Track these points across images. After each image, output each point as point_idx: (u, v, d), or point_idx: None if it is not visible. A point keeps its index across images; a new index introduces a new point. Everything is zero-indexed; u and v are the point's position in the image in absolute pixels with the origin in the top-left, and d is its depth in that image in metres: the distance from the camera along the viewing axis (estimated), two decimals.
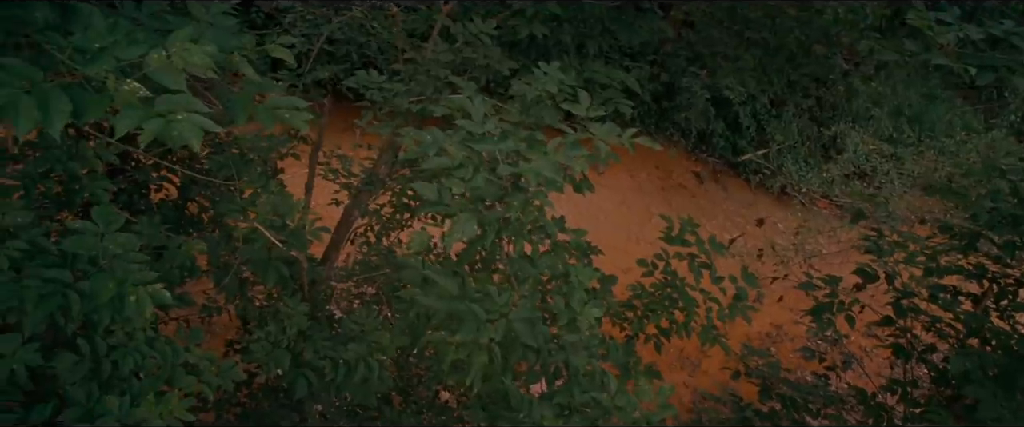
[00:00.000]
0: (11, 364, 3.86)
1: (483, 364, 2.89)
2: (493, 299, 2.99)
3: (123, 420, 3.64)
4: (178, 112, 2.15)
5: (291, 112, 2.71)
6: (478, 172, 2.91)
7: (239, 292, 5.21)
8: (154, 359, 4.21)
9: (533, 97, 3.64)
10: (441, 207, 3.00)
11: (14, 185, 4.24)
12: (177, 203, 6.52)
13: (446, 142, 3.05)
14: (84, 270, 3.82)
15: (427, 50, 4.89)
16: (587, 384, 3.16)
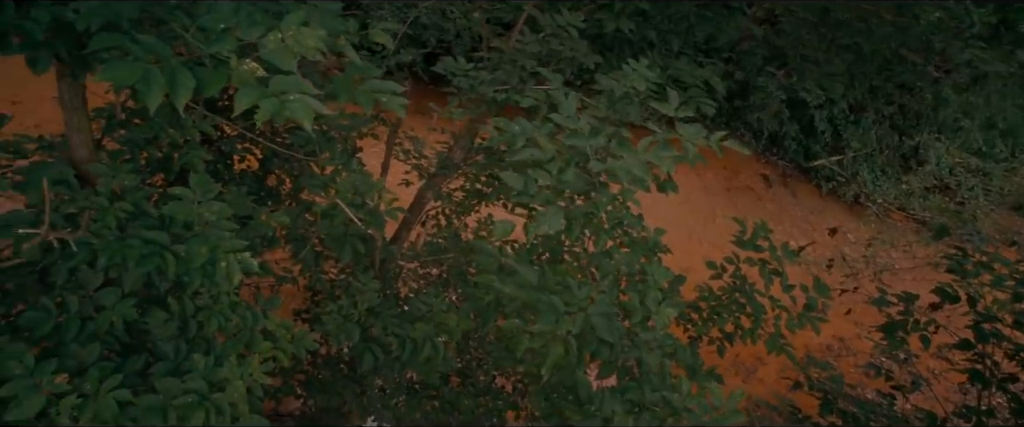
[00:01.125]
0: (111, 316, 4.12)
1: (559, 355, 2.93)
2: (573, 292, 3.03)
3: (208, 378, 3.84)
4: (291, 93, 2.26)
5: (388, 96, 2.79)
6: (569, 166, 2.94)
7: (313, 264, 5.39)
8: (235, 323, 4.42)
9: (621, 93, 3.63)
10: (526, 197, 3.05)
11: (121, 150, 4.50)
12: (257, 175, 6.78)
13: (535, 134, 3.09)
14: (179, 234, 4.04)
15: (510, 39, 4.93)
16: (658, 383, 3.17)
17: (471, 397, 6.47)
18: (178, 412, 3.73)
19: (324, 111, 2.28)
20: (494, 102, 4.57)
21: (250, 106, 2.22)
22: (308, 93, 2.30)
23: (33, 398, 3.48)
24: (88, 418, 3.60)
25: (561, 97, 3.30)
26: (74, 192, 4.03)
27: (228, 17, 2.29)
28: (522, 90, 4.28)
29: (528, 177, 3.04)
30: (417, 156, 8.00)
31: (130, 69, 2.17)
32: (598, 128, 3.08)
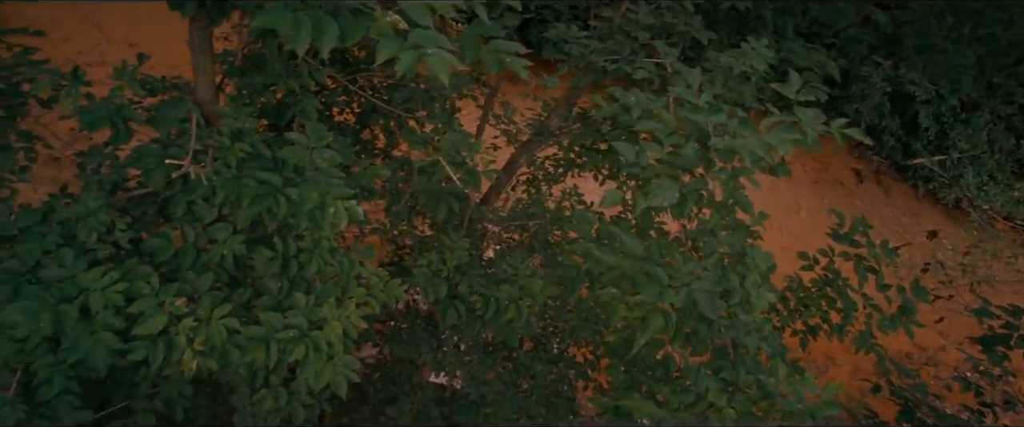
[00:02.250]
0: (222, 250, 4.39)
1: (658, 327, 2.95)
2: (678, 266, 3.03)
3: (308, 316, 4.04)
4: (429, 47, 2.32)
5: (512, 57, 2.82)
6: (689, 141, 2.92)
7: (406, 218, 5.54)
8: (333, 267, 4.62)
9: (739, 72, 3.55)
10: (636, 169, 3.05)
11: (239, 95, 4.73)
12: (354, 128, 6.99)
13: (651, 105, 3.07)
14: (289, 178, 4.24)
15: (620, 9, 4.87)
16: (752, 365, 3.15)
17: (544, 363, 6.57)
18: (280, 345, 3.96)
19: (459, 66, 2.33)
20: (603, 72, 4.55)
21: (390, 57, 2.29)
22: (445, 48, 2.35)
23: (158, 317, 3.77)
24: (201, 340, 3.87)
25: (685, 70, 3.25)
26: (200, 130, 4.28)
27: None
28: (633, 62, 4.24)
29: (640, 149, 3.03)
30: (507, 122, 8.06)
31: (282, 15, 2.28)
32: (718, 105, 3.03)
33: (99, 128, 4.21)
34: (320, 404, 4.99)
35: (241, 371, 4.59)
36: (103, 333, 3.81)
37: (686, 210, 3.05)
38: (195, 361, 3.82)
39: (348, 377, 3.97)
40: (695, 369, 3.15)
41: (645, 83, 3.91)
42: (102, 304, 3.77)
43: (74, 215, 4.23)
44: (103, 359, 3.80)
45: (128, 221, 4.28)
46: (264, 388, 4.89)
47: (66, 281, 3.94)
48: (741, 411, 2.81)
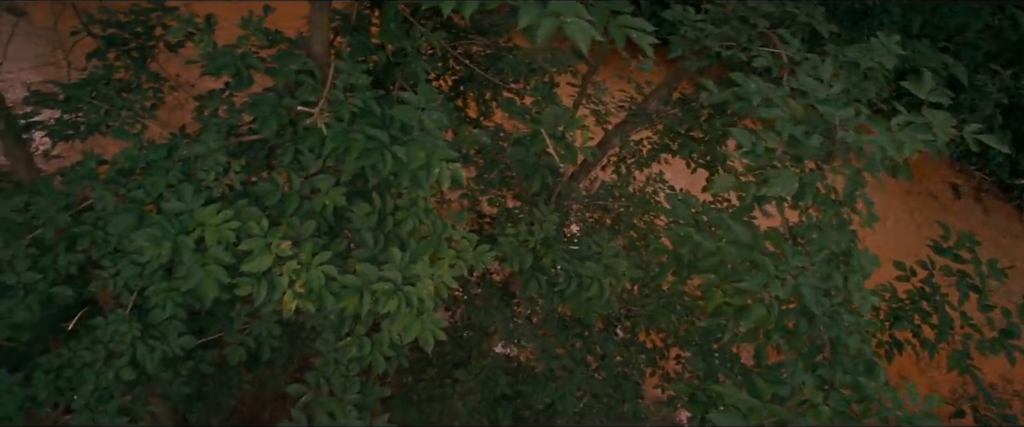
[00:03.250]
0: (324, 200, 4.57)
1: (760, 316, 2.92)
2: (787, 258, 2.98)
3: (402, 271, 4.17)
4: (569, 15, 2.34)
5: (639, 33, 2.81)
6: (814, 133, 2.85)
7: (497, 187, 5.61)
8: (426, 227, 4.75)
9: (866, 67, 3.42)
10: (752, 156, 3.00)
11: (352, 52, 4.87)
12: (448, 95, 7.10)
13: (772, 94, 3.00)
14: (396, 136, 4.35)
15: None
16: (850, 366, 3.07)
17: (616, 345, 6.58)
18: (374, 296, 4.11)
19: (598, 37, 2.34)
20: (717, 57, 4.46)
21: (531, 23, 2.32)
22: (584, 17, 2.37)
23: (264, 256, 3.97)
24: (301, 283, 4.05)
25: (816, 62, 3.16)
26: (316, 82, 4.45)
27: None
28: (749, 50, 4.14)
29: (757, 136, 2.98)
30: (597, 101, 8.02)
31: None
32: (846, 99, 2.93)
33: (224, 74, 4.43)
34: (399, 358, 5.17)
35: (331, 317, 4.81)
36: (214, 266, 4.04)
37: (805, 202, 2.99)
38: (295, 302, 4.00)
39: (435, 334, 4.09)
40: (792, 362, 3.10)
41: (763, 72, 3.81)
42: (215, 239, 4.00)
43: (195, 154, 4.49)
44: (212, 290, 4.03)
45: (242, 163, 4.50)
46: (349, 336, 5.10)
47: (184, 215, 4.19)
48: (837, 410, 2.75)
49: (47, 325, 5.45)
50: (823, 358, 3.13)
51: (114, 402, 4.64)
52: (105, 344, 4.68)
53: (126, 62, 5.60)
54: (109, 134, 5.07)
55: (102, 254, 4.63)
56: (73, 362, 4.86)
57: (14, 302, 4.51)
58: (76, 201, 4.66)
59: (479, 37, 6.59)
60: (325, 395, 5.03)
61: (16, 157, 6.02)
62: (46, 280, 4.57)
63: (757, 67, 3.85)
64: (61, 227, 4.52)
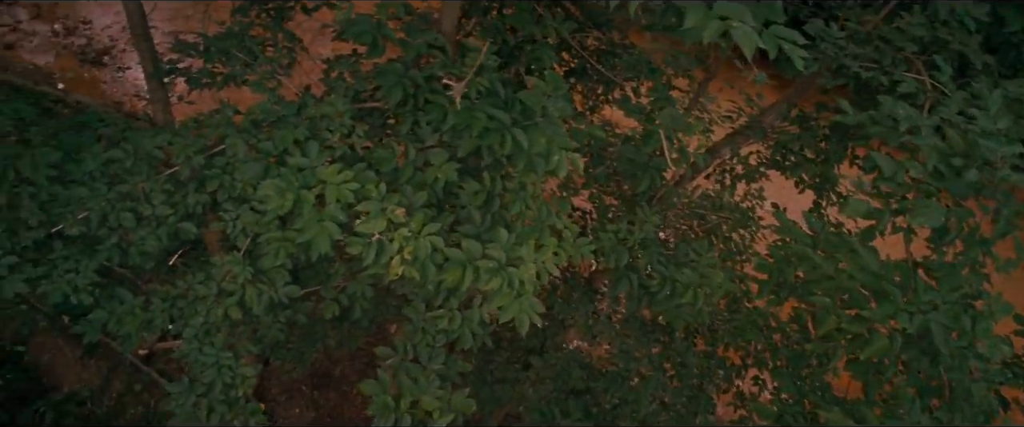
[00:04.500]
0: (436, 173, 4.70)
1: (882, 346, 2.83)
2: (918, 292, 2.87)
3: (507, 251, 4.25)
4: (735, 19, 2.32)
5: (790, 46, 2.75)
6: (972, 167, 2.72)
7: (603, 183, 5.62)
8: (532, 213, 4.81)
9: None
10: (891, 184, 2.90)
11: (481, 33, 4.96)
12: None
13: (921, 122, 2.89)
14: (516, 120, 4.42)
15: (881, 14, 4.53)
16: (971, 416, 2.94)
17: (695, 356, 6.49)
18: (476, 272, 4.20)
19: (761, 45, 2.32)
20: (856, 78, 4.30)
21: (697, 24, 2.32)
22: (749, 23, 2.35)
23: (379, 220, 4.13)
24: (408, 250, 4.19)
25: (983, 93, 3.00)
26: (446, 58, 4.57)
27: None
28: (891, 74, 3.97)
29: (900, 165, 2.87)
30: (701, 110, 7.88)
31: None
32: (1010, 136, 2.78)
33: (361, 41, 4.60)
34: (484, 336, 5.27)
35: (429, 287, 4.95)
36: (329, 223, 4.22)
37: (951, 239, 2.86)
38: (401, 268, 4.14)
39: (532, 317, 4.15)
40: (909, 399, 2.98)
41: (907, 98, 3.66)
42: (335, 197, 4.18)
43: (322, 113, 4.70)
44: (325, 245, 4.22)
45: (365, 128, 4.68)
46: (440, 308, 5.24)
47: (307, 171, 4.39)
48: None
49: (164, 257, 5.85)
50: (941, 400, 3.00)
51: (220, 336, 4.93)
52: (218, 282, 4.97)
53: (264, 20, 5.90)
54: (246, 86, 5.37)
55: (226, 198, 4.92)
56: (187, 295, 5.19)
57: (147, 231, 4.86)
58: (210, 145, 4.96)
59: (595, 31, 6.59)
60: (409, 361, 5.19)
61: (157, 99, 6.46)
62: (176, 215, 4.90)
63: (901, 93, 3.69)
64: (195, 168, 4.83)
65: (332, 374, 10.79)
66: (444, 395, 4.91)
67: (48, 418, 8.89)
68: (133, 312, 5.15)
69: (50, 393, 9.21)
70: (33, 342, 9.58)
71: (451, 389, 5.19)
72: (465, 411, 4.85)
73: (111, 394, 9.75)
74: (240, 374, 4.91)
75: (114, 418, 9.42)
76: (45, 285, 4.92)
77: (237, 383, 4.91)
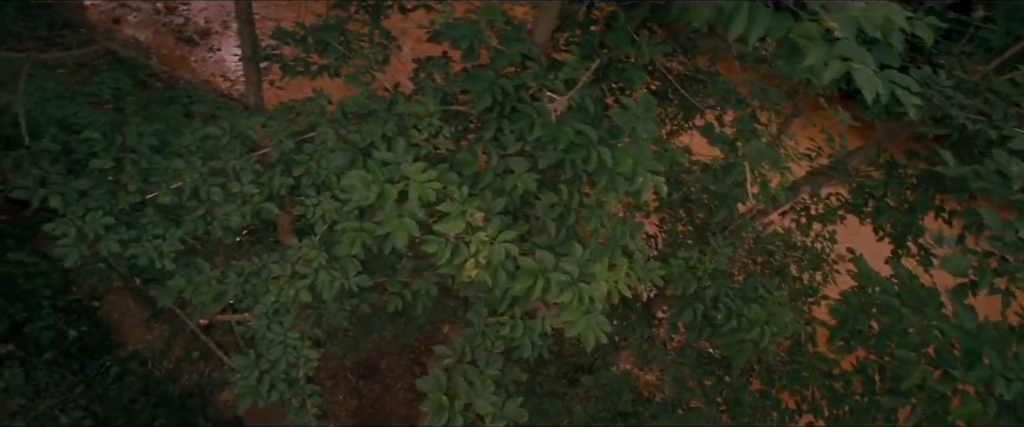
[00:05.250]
0: (516, 181, 4.75)
1: (975, 412, 2.73)
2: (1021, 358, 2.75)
3: (580, 266, 4.26)
4: (856, 61, 2.30)
5: (904, 92, 2.70)
6: None
7: (678, 210, 5.57)
8: (606, 230, 4.82)
9: None
10: (998, 243, 2.80)
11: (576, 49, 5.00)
12: None
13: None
14: (601, 137, 4.44)
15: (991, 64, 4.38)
16: None
17: (752, 395, 6.36)
18: (548, 283, 4.23)
19: (880, 90, 2.29)
20: (961, 129, 4.17)
21: (817, 63, 2.31)
22: (870, 66, 2.32)
23: (458, 221, 4.20)
24: (484, 255, 4.25)
25: None
26: (539, 69, 4.63)
27: None
28: (1001, 128, 3.84)
29: (1010, 223, 2.77)
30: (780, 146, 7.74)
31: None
32: None
33: (458, 45, 4.70)
34: (543, 348, 5.29)
35: (495, 293, 5.00)
36: (409, 219, 4.32)
37: None
38: (475, 271, 4.20)
39: (597, 335, 4.15)
40: None
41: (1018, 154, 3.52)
42: (418, 195, 4.27)
43: (411, 111, 4.82)
44: (402, 240, 4.31)
45: (452, 130, 4.77)
46: (502, 315, 5.29)
47: (392, 166, 4.50)
48: None
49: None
50: None
51: (289, 317, 5.08)
52: (292, 264, 5.13)
53: (361, 16, 6.09)
54: (337, 78, 5.56)
55: (309, 183, 5.08)
56: (261, 273, 5.37)
57: (232, 208, 5.06)
58: (300, 131, 5.14)
59: (681, 55, 6.56)
60: (467, 363, 5.24)
61: (251, 82, 6.74)
62: (261, 195, 5.08)
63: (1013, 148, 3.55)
64: (284, 152, 5.01)
65: (379, 366, 10.96)
66: (498, 401, 4.94)
67: (112, 372, 9.31)
68: (209, 283, 5.36)
69: (116, 349, 9.64)
70: (106, 299, 10.06)
71: (505, 396, 5.22)
72: (517, 419, 4.87)
73: (170, 358, 10.13)
74: (304, 355, 5.04)
75: (171, 381, 9.79)
76: (134, 248, 5.16)
77: (300, 364, 5.04)
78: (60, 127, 10.14)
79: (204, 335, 10.24)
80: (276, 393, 5.10)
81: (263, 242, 10.35)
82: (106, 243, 5.03)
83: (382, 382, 10.85)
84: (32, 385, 8.64)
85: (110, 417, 9.05)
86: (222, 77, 15.48)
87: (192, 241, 8.31)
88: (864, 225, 6.95)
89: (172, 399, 9.61)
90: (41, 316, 9.11)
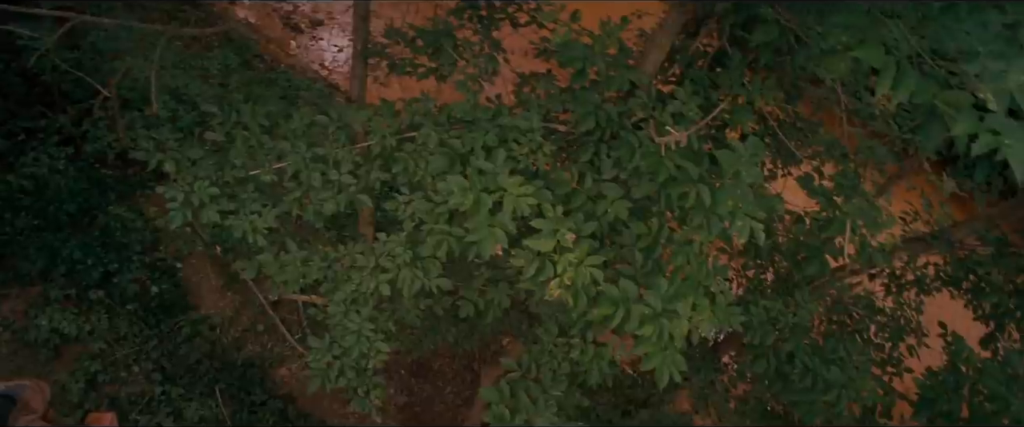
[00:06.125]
0: (607, 207, 4.75)
1: None
2: None
3: (664, 301, 4.22)
4: (1008, 136, 2.22)
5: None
6: None
7: (764, 259, 5.46)
8: (691, 269, 4.75)
9: None
10: None
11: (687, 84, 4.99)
12: None
13: None
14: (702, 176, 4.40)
15: None
16: None
17: None
18: (629, 314, 4.20)
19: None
20: None
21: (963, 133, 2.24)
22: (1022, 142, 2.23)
23: (550, 239, 4.23)
24: (569, 276, 4.26)
25: None
26: (647, 98, 4.63)
27: (986, 42, 2.30)
28: None
29: None
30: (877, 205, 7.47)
31: (874, 52, 2.34)
32: None
33: (570, 65, 4.76)
34: (611, 376, 5.25)
35: (572, 315, 5.00)
36: (499, 230, 4.38)
37: None
38: (558, 291, 4.22)
39: (673, 373, 4.10)
40: None
41: None
42: (512, 207, 4.33)
43: (514, 125, 4.89)
44: (490, 249, 4.37)
45: (552, 148, 4.82)
46: (575, 337, 5.29)
47: (489, 175, 4.58)
48: None
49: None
50: None
51: (367, 308, 5.22)
52: (377, 257, 5.26)
53: (474, 26, 6.23)
54: (445, 82, 5.70)
55: (404, 181, 5.21)
56: (344, 260, 5.54)
57: (329, 195, 5.24)
58: (403, 129, 5.28)
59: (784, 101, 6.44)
60: (532, 380, 5.26)
61: (357, 77, 6.97)
62: (357, 186, 5.25)
63: None
64: (386, 147, 5.16)
65: (432, 366, 11.09)
66: (557, 422, 4.94)
67: (184, 332, 9.74)
68: (294, 264, 5.55)
69: (190, 311, 10.09)
70: (188, 262, 10.55)
71: (565, 418, 5.21)
72: None
73: (237, 327, 10.53)
74: (375, 347, 5.17)
75: (235, 349, 10.17)
76: (232, 220, 5.40)
77: (371, 355, 5.17)
78: (171, 95, 10.77)
79: (272, 310, 10.59)
80: (344, 380, 5.23)
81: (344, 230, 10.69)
82: (208, 212, 5.28)
83: (433, 382, 10.97)
84: (113, 332, 9.13)
85: (176, 374, 9.47)
86: (320, 65, 16.06)
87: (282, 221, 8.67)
88: (955, 299, 6.63)
89: (234, 366, 9.98)
90: (130, 269, 9.64)
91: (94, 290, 9.23)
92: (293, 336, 10.74)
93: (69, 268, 9.21)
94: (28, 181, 9.58)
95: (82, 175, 10.10)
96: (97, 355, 8.94)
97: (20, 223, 9.28)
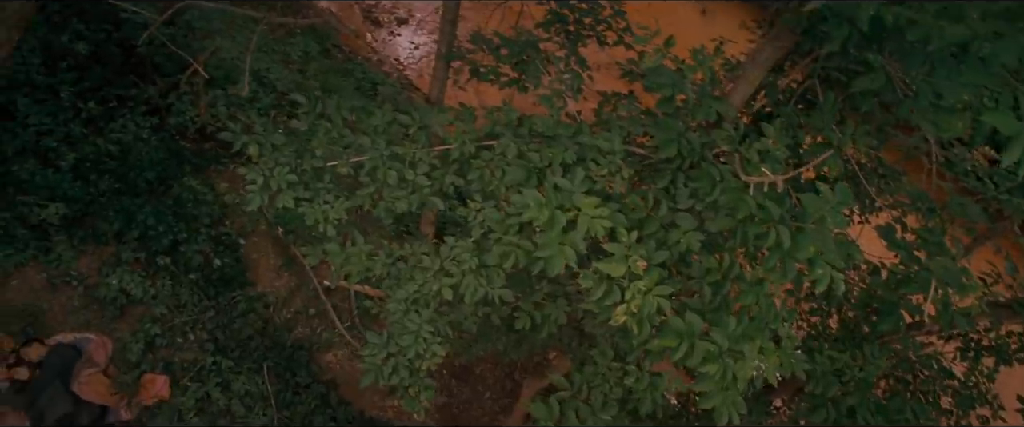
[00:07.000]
0: (680, 237, 4.67)
1: None
2: None
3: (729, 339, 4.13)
4: None
5: None
6: None
7: (833, 309, 5.31)
8: (758, 309, 4.65)
9: None
10: None
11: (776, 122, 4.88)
12: None
13: None
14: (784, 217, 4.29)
15: None
16: None
17: None
18: (693, 349, 4.13)
19: None
20: None
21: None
22: None
23: (620, 264, 4.19)
24: (636, 303, 4.22)
25: None
26: (733, 132, 4.56)
27: None
28: None
29: None
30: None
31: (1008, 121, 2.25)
32: None
33: (658, 90, 4.72)
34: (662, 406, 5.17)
35: (633, 342, 4.95)
36: (569, 249, 4.36)
37: None
38: (623, 318, 4.18)
39: (732, 416, 4.01)
40: None
41: None
42: (585, 228, 4.31)
43: (595, 144, 4.87)
44: (557, 268, 4.36)
45: (631, 172, 4.79)
46: (631, 364, 5.23)
47: (565, 193, 4.57)
48: None
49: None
50: None
51: (428, 310, 5.26)
52: (442, 261, 5.31)
53: (559, 40, 6.25)
54: (526, 93, 5.73)
55: (478, 188, 5.24)
56: (409, 259, 5.61)
57: (402, 194, 5.31)
58: (481, 136, 5.32)
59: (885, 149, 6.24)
60: (582, 401, 5.22)
61: (438, 78, 7.08)
62: (431, 188, 5.31)
63: None
64: (464, 153, 5.20)
65: (474, 371, 11.13)
66: None
67: (239, 307, 10.03)
68: (360, 257, 5.65)
69: (247, 287, 10.38)
70: (250, 239, 10.86)
71: None
72: None
73: (290, 308, 10.78)
74: (432, 349, 5.20)
75: (286, 330, 10.41)
76: (305, 207, 5.53)
77: (426, 356, 5.21)
78: (254, 77, 11.13)
79: (325, 296, 10.80)
80: (397, 377, 5.29)
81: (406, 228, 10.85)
82: (284, 197, 5.42)
83: (473, 386, 11.01)
84: (175, 299, 9.46)
85: (228, 347, 9.74)
86: (395, 60, 16.36)
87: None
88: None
89: (283, 347, 10.21)
90: (197, 240, 9.98)
91: (162, 256, 9.58)
92: (342, 324, 10.96)
93: (142, 233, 9.60)
94: (115, 146, 10.03)
95: (163, 145, 10.51)
96: (158, 319, 9.27)
97: (103, 185, 9.70)
